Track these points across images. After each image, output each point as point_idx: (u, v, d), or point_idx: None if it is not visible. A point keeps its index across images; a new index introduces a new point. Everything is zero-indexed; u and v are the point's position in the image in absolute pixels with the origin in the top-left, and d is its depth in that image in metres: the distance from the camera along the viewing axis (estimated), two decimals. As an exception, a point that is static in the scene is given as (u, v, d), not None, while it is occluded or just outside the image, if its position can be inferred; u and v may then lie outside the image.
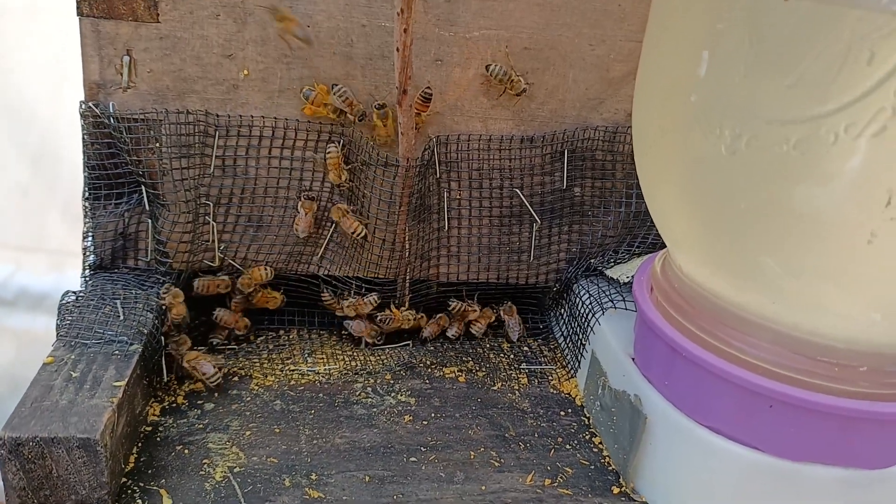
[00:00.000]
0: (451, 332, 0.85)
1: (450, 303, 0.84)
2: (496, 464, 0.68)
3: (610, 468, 0.68)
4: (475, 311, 0.85)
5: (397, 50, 0.67)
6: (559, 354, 0.84)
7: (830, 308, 0.54)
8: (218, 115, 0.76)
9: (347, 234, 0.79)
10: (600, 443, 0.71)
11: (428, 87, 0.75)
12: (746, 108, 0.50)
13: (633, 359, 0.68)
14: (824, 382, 0.55)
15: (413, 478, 0.65)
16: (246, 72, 0.75)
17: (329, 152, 0.76)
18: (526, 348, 0.86)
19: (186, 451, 0.66)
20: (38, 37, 1.47)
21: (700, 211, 0.58)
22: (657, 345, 0.63)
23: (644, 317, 0.64)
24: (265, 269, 0.80)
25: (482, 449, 0.69)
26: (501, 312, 0.86)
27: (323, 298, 0.82)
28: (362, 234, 0.78)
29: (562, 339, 0.85)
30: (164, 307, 0.73)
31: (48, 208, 1.63)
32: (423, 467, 0.66)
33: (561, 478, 0.66)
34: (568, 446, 0.71)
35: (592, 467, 0.68)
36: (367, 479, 0.64)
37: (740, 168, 0.52)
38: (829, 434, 0.55)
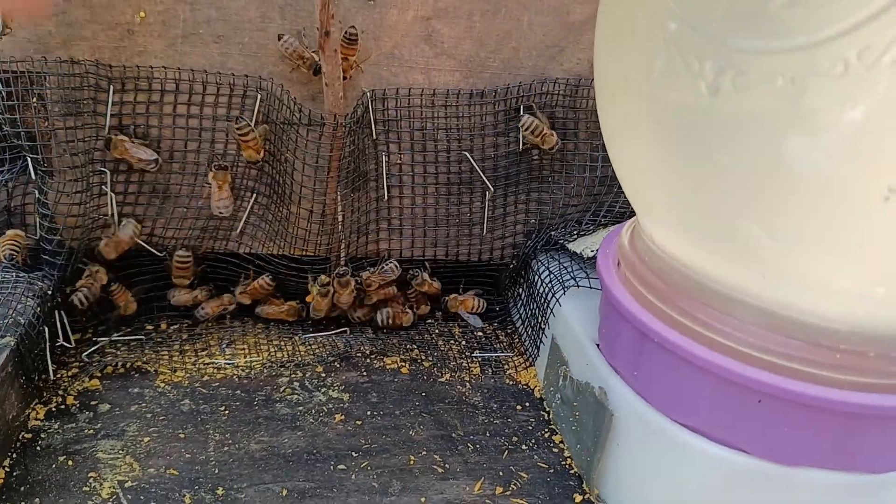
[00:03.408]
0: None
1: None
2: (440, 470, 0.58)
3: (572, 472, 0.59)
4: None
5: (316, -18, 0.57)
6: (517, 340, 0.75)
7: (831, 283, 0.45)
8: (111, 66, 0.64)
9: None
10: (561, 441, 0.62)
11: (352, 27, 0.64)
12: (730, 35, 0.40)
13: (597, 345, 0.58)
14: (824, 372, 0.45)
15: (340, 490, 0.55)
16: (142, 14, 0.64)
17: (236, 131, 0.65)
18: (480, 333, 0.76)
19: (70, 461, 0.55)
20: None
21: (673, 167, 0.48)
22: (624, 329, 0.53)
23: (609, 296, 0.54)
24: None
25: (424, 452, 0.60)
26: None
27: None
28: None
29: (520, 322, 0.75)
30: None
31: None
32: (353, 476, 0.56)
33: (514, 485, 0.57)
34: (524, 447, 0.61)
35: (552, 471, 0.59)
36: (285, 492, 0.54)
37: (724, 111, 0.42)
38: (829, 433, 0.46)
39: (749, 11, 0.39)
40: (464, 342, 0.75)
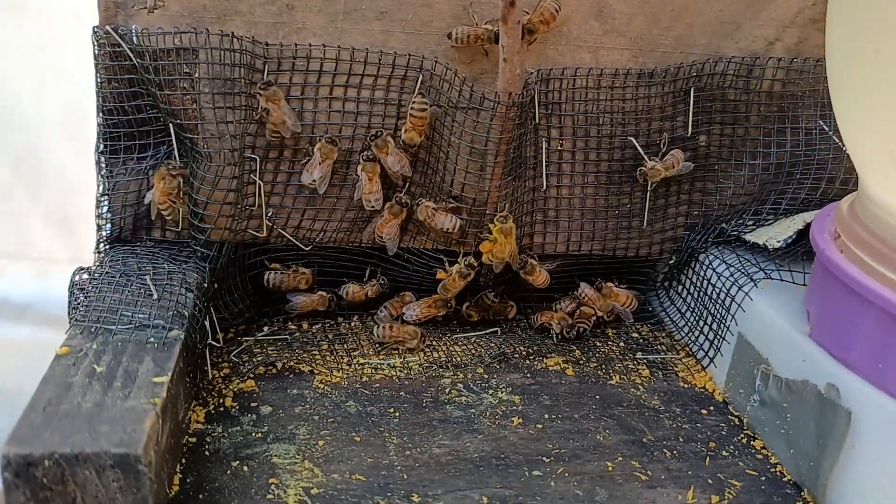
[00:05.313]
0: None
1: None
2: (643, 477, 0.53)
3: (785, 479, 0.53)
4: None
5: (508, -54, 0.53)
6: (679, 340, 0.69)
7: None
8: (267, 44, 0.60)
9: (439, 233, 0.65)
10: (763, 447, 0.56)
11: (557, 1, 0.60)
12: None
13: (809, 337, 0.53)
14: None
15: (543, 498, 0.50)
16: (304, -13, 0.60)
17: (414, 105, 0.61)
18: (636, 334, 0.71)
19: (245, 467, 0.51)
20: (18, 27, 1.35)
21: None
22: (864, 315, 0.48)
23: (845, 278, 0.49)
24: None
25: (620, 458, 0.54)
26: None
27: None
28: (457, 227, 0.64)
29: (684, 322, 0.69)
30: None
31: (31, 213, 1.54)
32: (553, 483, 0.51)
33: (729, 493, 0.52)
34: (724, 453, 0.56)
35: (763, 479, 0.53)
36: (485, 499, 0.49)
37: None
38: None
39: None
40: (622, 343, 0.69)
